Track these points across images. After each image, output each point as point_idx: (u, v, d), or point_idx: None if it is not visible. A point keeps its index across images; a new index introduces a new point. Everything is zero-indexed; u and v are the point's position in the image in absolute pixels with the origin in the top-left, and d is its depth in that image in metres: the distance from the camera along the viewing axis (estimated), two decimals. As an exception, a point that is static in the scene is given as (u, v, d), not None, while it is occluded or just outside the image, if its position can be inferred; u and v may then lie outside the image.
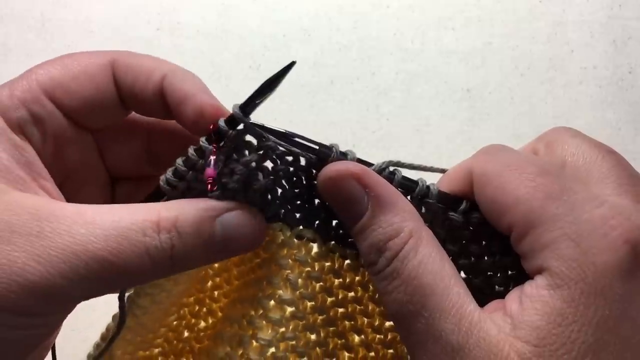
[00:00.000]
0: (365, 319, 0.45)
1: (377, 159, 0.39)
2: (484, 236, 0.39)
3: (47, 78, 0.39)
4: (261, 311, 0.43)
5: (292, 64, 0.37)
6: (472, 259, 0.40)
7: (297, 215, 0.42)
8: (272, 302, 0.42)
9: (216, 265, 0.48)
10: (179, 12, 0.95)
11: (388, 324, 0.45)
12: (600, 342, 0.31)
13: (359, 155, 0.39)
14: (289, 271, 0.42)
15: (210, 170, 0.37)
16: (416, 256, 0.35)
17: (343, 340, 0.45)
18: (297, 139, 0.39)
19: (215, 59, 0.93)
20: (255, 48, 0.94)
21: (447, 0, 0.95)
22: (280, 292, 0.42)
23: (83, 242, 0.33)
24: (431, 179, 0.41)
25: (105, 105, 0.41)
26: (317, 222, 0.42)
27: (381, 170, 0.39)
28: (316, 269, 0.43)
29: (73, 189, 0.44)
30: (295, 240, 0.42)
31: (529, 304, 0.33)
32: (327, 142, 0.39)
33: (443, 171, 0.44)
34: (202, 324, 0.50)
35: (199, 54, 0.93)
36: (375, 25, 0.95)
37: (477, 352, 0.32)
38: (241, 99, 0.38)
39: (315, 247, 0.43)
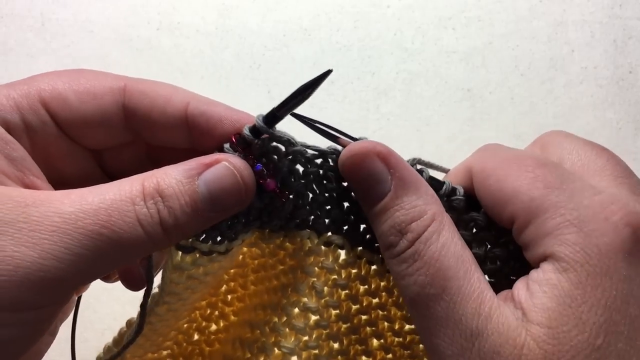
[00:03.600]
0: (387, 324, 0.44)
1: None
2: (509, 239, 0.39)
3: (49, 87, 0.38)
4: (285, 318, 0.43)
5: (329, 72, 0.37)
6: (498, 263, 0.39)
7: (326, 221, 0.42)
8: (296, 310, 0.42)
9: (232, 271, 0.48)
10: (179, 12, 0.95)
11: (408, 327, 0.44)
12: (610, 322, 0.32)
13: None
14: (314, 279, 0.42)
15: (271, 183, 0.38)
16: (439, 239, 0.35)
17: (364, 347, 0.44)
18: (326, 129, 0.39)
19: (215, 59, 0.93)
20: (255, 48, 0.94)
21: (447, 0, 0.95)
22: (305, 299, 0.42)
23: (73, 220, 0.31)
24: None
25: (108, 128, 0.40)
26: (345, 227, 0.42)
27: (411, 165, 0.38)
28: (343, 276, 0.42)
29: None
30: (323, 247, 0.42)
31: (537, 288, 0.33)
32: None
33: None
34: (214, 327, 0.50)
35: (199, 53, 0.93)
36: (375, 25, 0.95)
37: (495, 338, 0.32)
38: (241, 99, 0.38)
39: (342, 254, 0.42)
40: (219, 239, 0.41)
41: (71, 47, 0.92)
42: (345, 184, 0.40)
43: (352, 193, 0.41)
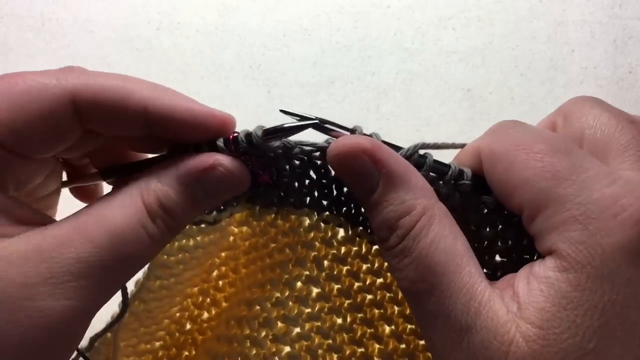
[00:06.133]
0: (396, 308, 0.44)
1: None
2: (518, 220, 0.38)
3: None
4: (288, 292, 0.43)
5: (314, 122, 0.37)
6: (510, 242, 0.38)
7: (325, 202, 0.42)
8: (299, 283, 0.43)
9: (223, 254, 0.48)
10: (179, 12, 0.95)
11: None
12: (606, 327, 0.31)
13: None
14: (315, 253, 0.43)
15: (265, 177, 0.39)
16: (428, 234, 0.34)
17: (372, 330, 0.44)
18: (325, 124, 0.38)
19: (215, 59, 0.93)
20: (255, 48, 0.94)
21: (447, 0, 0.95)
22: (307, 272, 0.43)
23: (89, 262, 0.33)
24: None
25: (70, 144, 0.37)
26: (344, 208, 0.42)
27: (411, 154, 0.38)
28: (342, 252, 0.43)
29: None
30: (322, 224, 0.42)
31: (536, 285, 0.32)
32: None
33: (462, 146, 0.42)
34: (205, 315, 0.50)
35: (199, 54, 0.93)
36: (375, 25, 0.95)
37: (484, 333, 0.32)
38: (241, 99, 0.38)
39: (341, 232, 0.43)
40: None
41: (71, 47, 0.92)
42: None
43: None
